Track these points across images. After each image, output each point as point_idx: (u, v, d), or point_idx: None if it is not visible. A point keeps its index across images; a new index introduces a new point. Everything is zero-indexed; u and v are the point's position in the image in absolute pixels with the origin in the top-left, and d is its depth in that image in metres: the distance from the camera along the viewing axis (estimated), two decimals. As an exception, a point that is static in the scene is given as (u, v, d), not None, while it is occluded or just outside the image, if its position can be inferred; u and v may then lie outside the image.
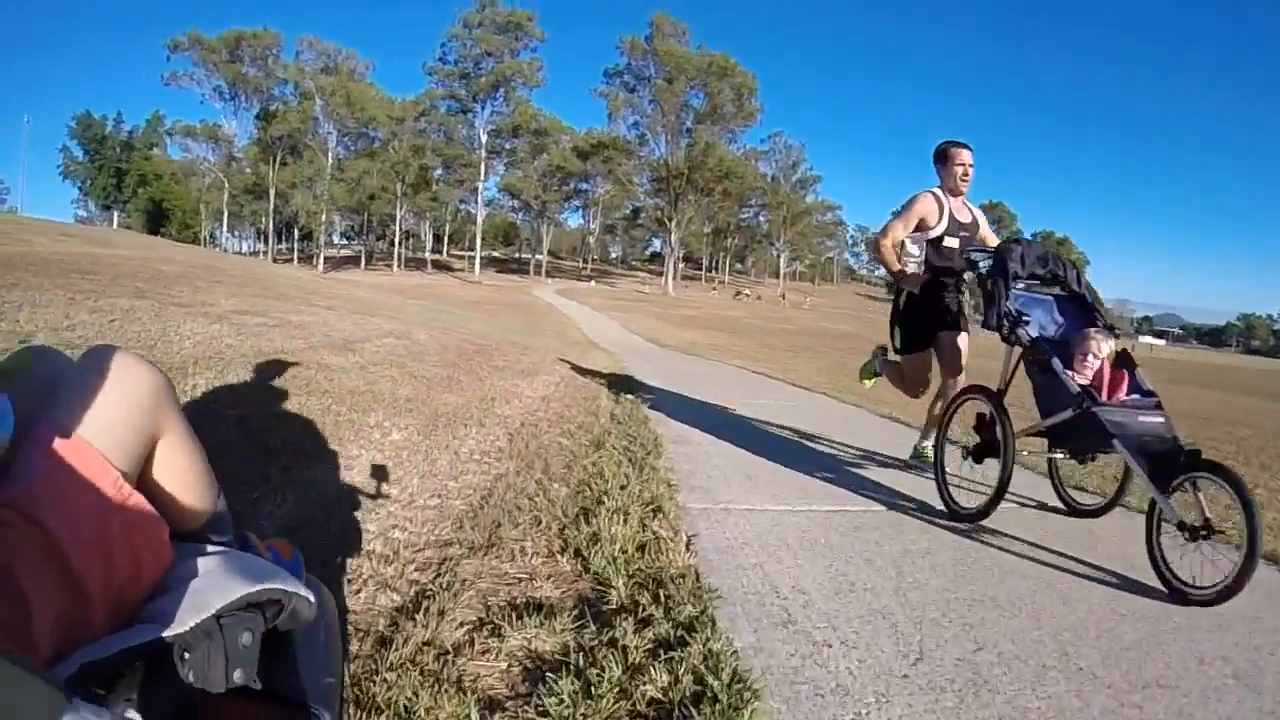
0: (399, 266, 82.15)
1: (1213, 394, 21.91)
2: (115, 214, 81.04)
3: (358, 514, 2.98)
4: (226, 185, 78.67)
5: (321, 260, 79.65)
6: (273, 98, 78.57)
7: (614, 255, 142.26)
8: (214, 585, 0.97)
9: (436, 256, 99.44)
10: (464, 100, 73.89)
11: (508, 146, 78.47)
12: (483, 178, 77.23)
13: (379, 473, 3.45)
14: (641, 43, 67.72)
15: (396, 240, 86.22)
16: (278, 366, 4.97)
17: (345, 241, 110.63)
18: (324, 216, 79.26)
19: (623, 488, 3.54)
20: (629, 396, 7.05)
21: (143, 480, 1.08)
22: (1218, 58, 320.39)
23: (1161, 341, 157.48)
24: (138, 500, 1.00)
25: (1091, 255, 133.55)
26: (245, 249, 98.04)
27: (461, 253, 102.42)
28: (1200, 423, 10.58)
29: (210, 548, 1.13)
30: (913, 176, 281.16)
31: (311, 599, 1.05)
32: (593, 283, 78.46)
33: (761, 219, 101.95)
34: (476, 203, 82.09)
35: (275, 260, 78.77)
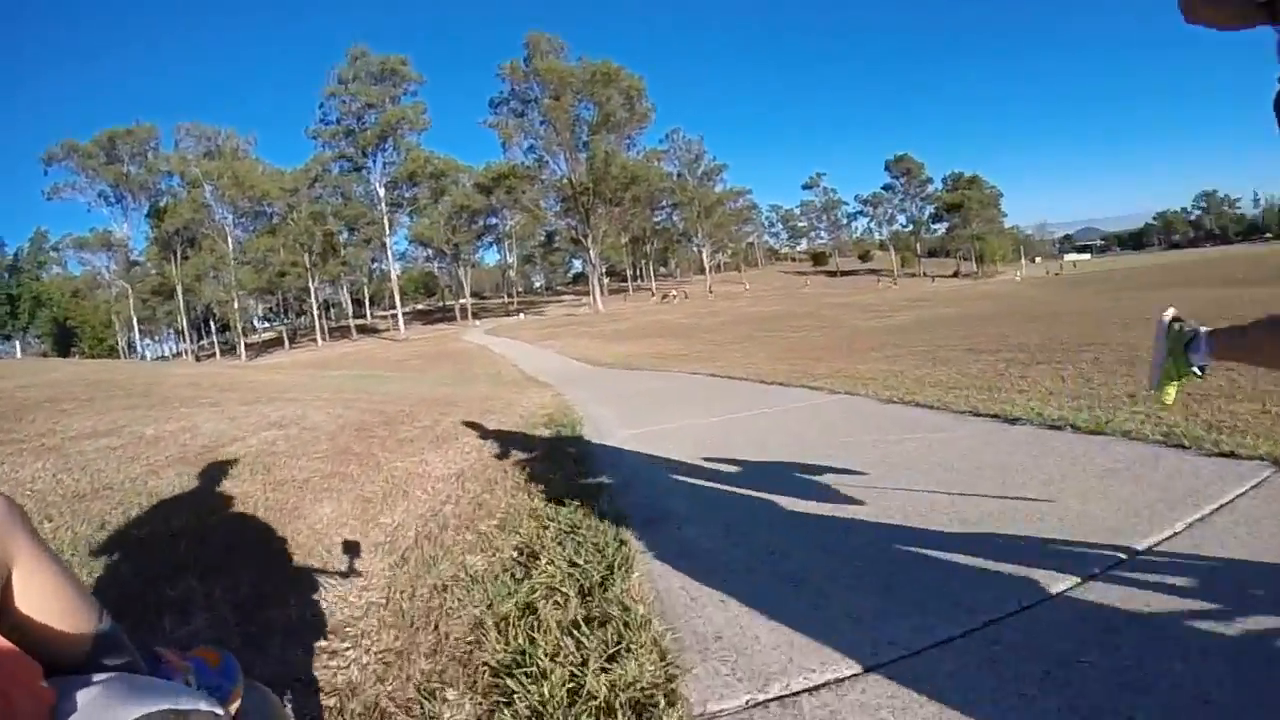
0: (323, 339, 79.58)
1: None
2: (16, 343, 77.40)
3: None
4: (130, 291, 75.33)
5: (243, 349, 76.62)
6: (160, 192, 75.75)
7: (538, 284, 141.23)
8: (92, 717, 0.85)
9: (361, 321, 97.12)
10: (354, 157, 71.37)
11: (408, 196, 76.34)
12: (389, 232, 74.85)
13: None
14: (520, 65, 66.13)
15: (314, 313, 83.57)
16: (84, 510, 3.92)
17: (267, 324, 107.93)
18: (235, 304, 76.24)
19: (573, 688, 1.94)
20: (570, 449, 5.68)
21: (2, 616, 0.97)
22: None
23: (1085, 255, 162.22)
24: None
25: (1004, 187, 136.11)
26: (168, 351, 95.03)
27: (385, 312, 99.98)
28: None
29: (97, 676, 0.93)
30: (814, 147, 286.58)
31: (219, 712, 0.96)
32: (521, 316, 76.76)
33: (676, 218, 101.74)
34: (388, 259, 79.83)
35: (198, 358, 76.25)
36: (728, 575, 2.65)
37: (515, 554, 3.10)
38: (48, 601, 1.02)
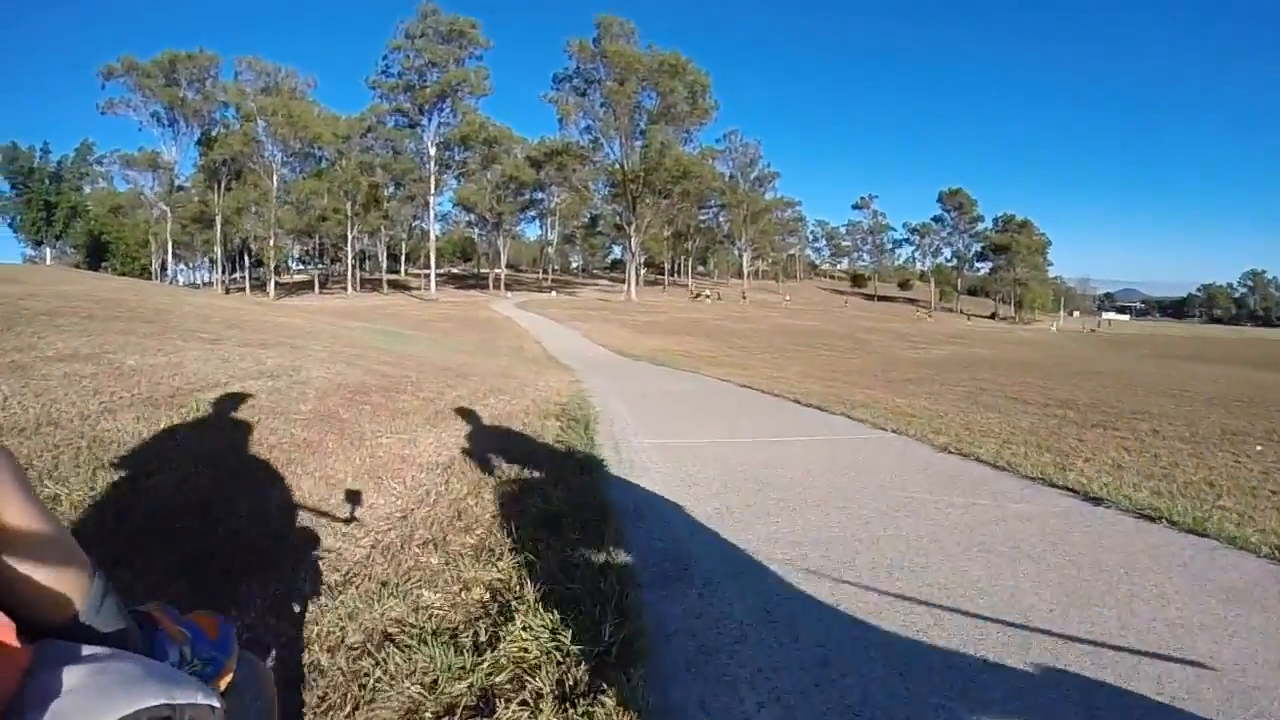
0: (354, 289, 79.52)
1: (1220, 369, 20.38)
2: (48, 250, 77.82)
3: None
4: (169, 215, 75.51)
5: (273, 286, 76.62)
6: (213, 121, 75.56)
7: (575, 265, 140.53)
8: (72, 713, 0.75)
9: (394, 276, 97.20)
10: (410, 113, 70.96)
11: (458, 158, 75.89)
12: (434, 192, 74.30)
13: None
14: (589, 45, 65.37)
15: (349, 262, 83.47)
16: (11, 446, 3.02)
17: (302, 266, 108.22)
18: (272, 241, 76.16)
19: None
20: (579, 452, 4.98)
21: None
22: (1168, 35, 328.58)
23: (1124, 316, 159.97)
24: None
25: (1053, 237, 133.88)
26: (200, 279, 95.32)
27: (419, 271, 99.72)
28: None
29: (85, 649, 0.86)
30: (869, 169, 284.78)
31: (215, 704, 0.87)
32: (554, 293, 76.31)
33: (721, 219, 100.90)
34: (429, 218, 79.40)
35: (227, 290, 76.48)
36: (768, 694, 1.94)
37: (486, 596, 2.42)
38: (33, 555, 0.91)
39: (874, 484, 4.42)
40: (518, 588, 2.40)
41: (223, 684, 1.09)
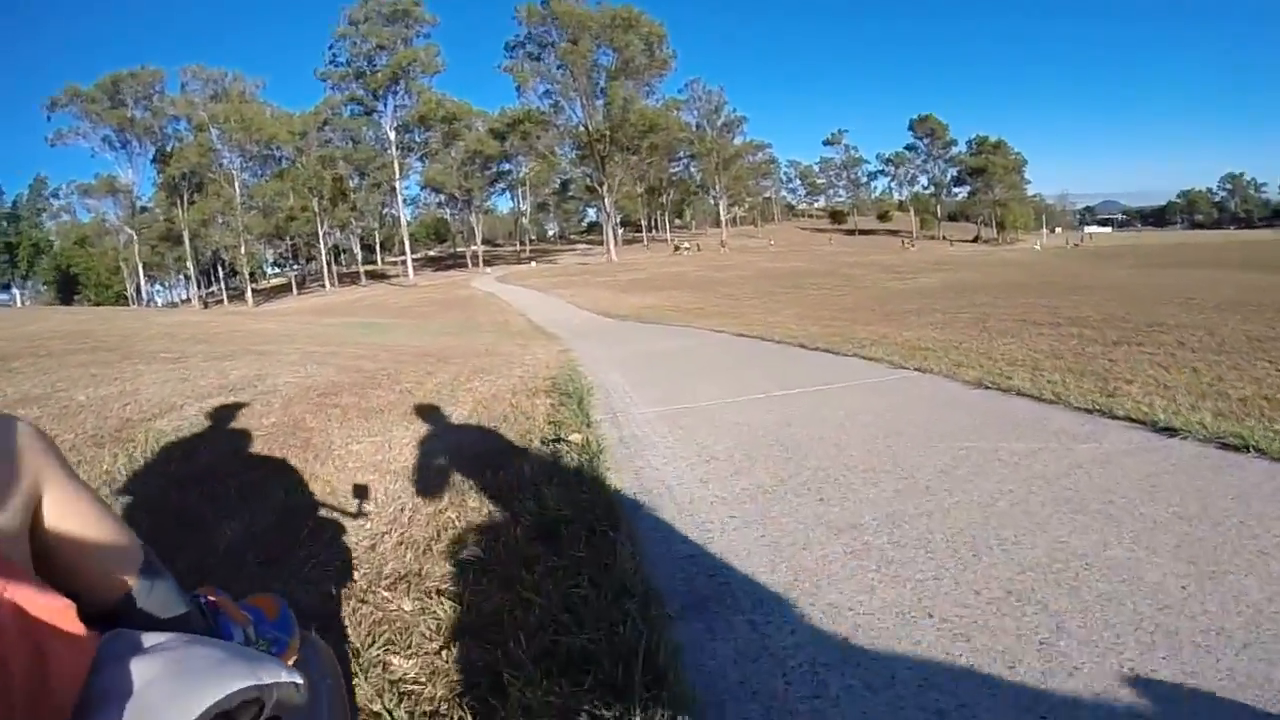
0: (332, 285, 78.53)
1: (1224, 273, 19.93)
2: (17, 292, 76.66)
3: None
4: (135, 237, 74.33)
5: (250, 294, 75.53)
6: (166, 137, 74.16)
7: (551, 232, 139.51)
8: (160, 704, 0.72)
9: (371, 267, 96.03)
10: (365, 100, 69.19)
11: (419, 140, 74.43)
12: (399, 177, 72.85)
13: None
14: (538, 8, 63.63)
15: (323, 258, 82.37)
16: None
17: (278, 270, 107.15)
18: (243, 249, 75.00)
19: None
20: (574, 433, 4.35)
21: (33, 554, 0.89)
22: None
23: (1106, 229, 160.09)
24: (21, 575, 0.75)
25: (1028, 154, 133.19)
26: (178, 297, 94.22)
27: (396, 258, 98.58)
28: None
29: (147, 638, 0.81)
30: (838, 103, 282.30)
31: (299, 681, 0.83)
32: (533, 264, 75.44)
33: (693, 169, 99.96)
34: (398, 205, 78.05)
35: (205, 304, 75.62)
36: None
37: (472, 653, 1.89)
38: (84, 534, 0.94)
39: (918, 436, 3.85)
40: (508, 645, 1.83)
41: (291, 663, 1.05)
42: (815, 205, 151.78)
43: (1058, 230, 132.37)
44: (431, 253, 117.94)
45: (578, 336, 13.22)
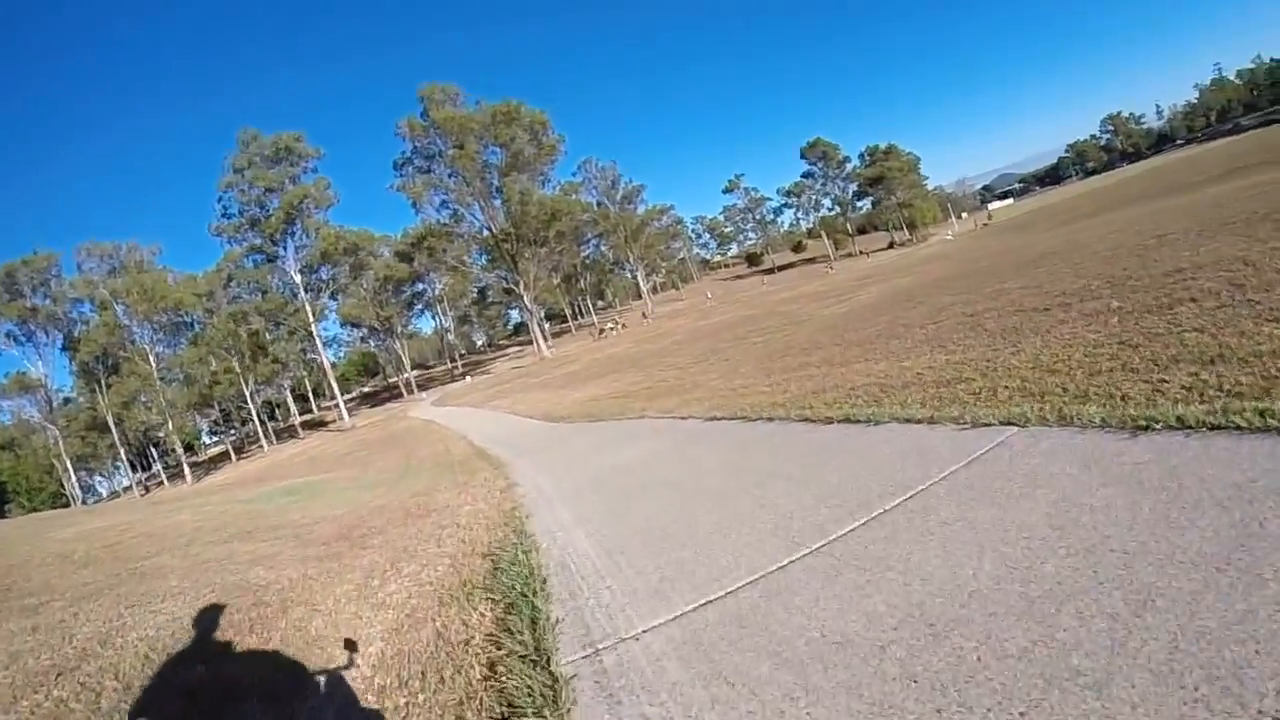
0: (269, 443, 75.18)
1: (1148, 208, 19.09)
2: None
3: None
4: (57, 432, 70.33)
5: (188, 471, 71.49)
6: (72, 321, 70.26)
7: (480, 342, 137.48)
8: None
9: (308, 416, 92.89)
10: (265, 247, 66.61)
11: (325, 277, 72.25)
12: (315, 320, 70.24)
13: None
14: (419, 120, 62.85)
15: (255, 419, 79.12)
16: None
17: (216, 437, 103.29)
18: (169, 425, 71.34)
19: None
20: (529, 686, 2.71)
21: None
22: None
23: (1008, 201, 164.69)
24: None
25: (920, 151, 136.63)
26: (119, 485, 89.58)
27: (330, 403, 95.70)
28: None
29: None
30: (727, 150, 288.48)
31: None
32: (468, 379, 73.32)
33: (604, 248, 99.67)
34: (318, 348, 75.45)
35: (146, 489, 71.60)
36: None
37: None
38: None
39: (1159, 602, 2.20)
40: None
41: None
42: (729, 254, 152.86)
43: (964, 215, 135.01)
44: (365, 389, 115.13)
45: (523, 454, 11.51)
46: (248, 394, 75.83)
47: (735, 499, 4.60)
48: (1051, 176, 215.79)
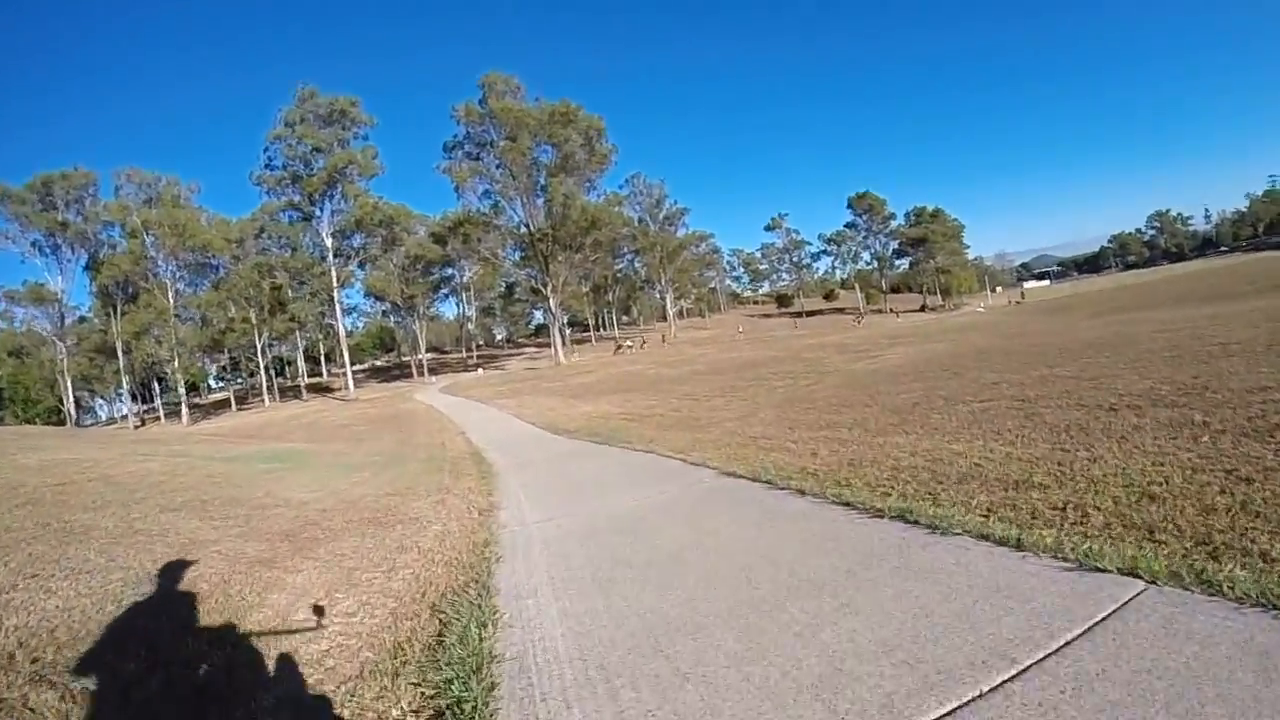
0: (273, 399, 74.76)
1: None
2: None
3: None
4: (64, 349, 70.27)
5: (186, 412, 70.98)
6: (99, 243, 70.48)
7: (499, 337, 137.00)
8: None
9: (316, 379, 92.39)
10: (302, 205, 66.26)
11: (356, 245, 71.74)
12: (338, 285, 69.70)
13: None
14: (476, 107, 62.43)
15: (261, 372, 78.70)
16: None
17: (223, 383, 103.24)
18: (176, 363, 71.00)
19: None
20: None
21: None
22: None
23: (1044, 282, 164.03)
24: None
25: (965, 220, 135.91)
26: (117, 413, 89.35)
27: (341, 370, 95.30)
28: None
29: None
30: (775, 189, 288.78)
31: None
32: (480, 371, 72.64)
33: (638, 265, 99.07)
34: (336, 314, 74.91)
35: (143, 421, 71.27)
36: None
37: None
38: None
39: None
40: None
41: None
42: (760, 291, 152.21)
43: (998, 289, 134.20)
44: (378, 363, 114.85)
45: (517, 468, 10.68)
46: (260, 346, 75.87)
47: (765, 620, 3.35)
48: (1091, 264, 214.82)
